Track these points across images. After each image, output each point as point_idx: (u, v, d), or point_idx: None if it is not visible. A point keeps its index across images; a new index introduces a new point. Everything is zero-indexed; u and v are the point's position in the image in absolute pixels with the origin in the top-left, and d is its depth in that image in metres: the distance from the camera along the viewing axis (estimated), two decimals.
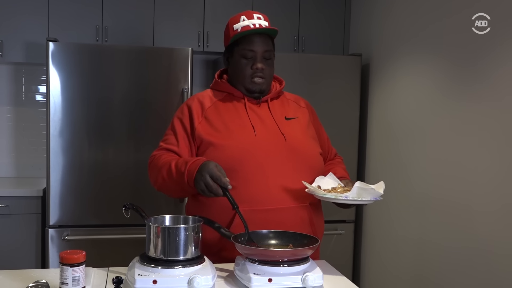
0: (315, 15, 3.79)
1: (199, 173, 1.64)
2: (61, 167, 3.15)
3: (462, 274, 2.56)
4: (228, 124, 1.84)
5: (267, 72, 1.88)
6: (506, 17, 2.31)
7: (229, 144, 1.79)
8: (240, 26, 1.85)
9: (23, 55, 3.45)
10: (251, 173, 1.76)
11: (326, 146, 2.06)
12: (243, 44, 1.86)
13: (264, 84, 1.88)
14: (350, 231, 3.58)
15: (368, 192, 1.68)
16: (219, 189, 1.62)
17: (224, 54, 1.96)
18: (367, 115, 3.58)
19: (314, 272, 1.51)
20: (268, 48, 1.87)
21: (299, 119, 1.93)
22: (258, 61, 1.85)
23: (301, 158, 1.83)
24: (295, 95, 2.05)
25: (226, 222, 1.75)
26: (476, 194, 2.47)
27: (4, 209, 3.21)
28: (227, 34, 1.91)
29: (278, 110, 1.92)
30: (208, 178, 1.62)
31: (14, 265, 1.76)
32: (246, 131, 1.83)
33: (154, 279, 1.43)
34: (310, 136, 1.93)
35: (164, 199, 3.26)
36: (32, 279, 1.51)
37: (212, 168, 1.63)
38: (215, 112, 1.87)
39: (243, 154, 1.77)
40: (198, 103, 1.90)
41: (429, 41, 2.88)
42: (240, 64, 1.87)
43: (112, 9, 3.51)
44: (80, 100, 3.16)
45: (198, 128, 1.84)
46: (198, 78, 3.90)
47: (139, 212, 1.64)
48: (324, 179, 1.82)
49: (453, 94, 2.67)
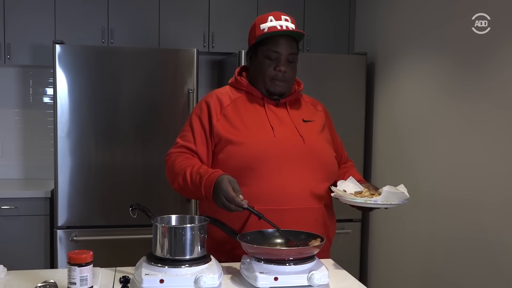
0: (319, 15, 3.79)
1: (215, 193, 1.64)
2: (68, 169, 3.17)
3: (470, 271, 2.55)
4: (247, 123, 1.83)
5: (289, 75, 1.87)
6: (506, 17, 2.30)
7: (248, 142, 1.78)
8: (267, 26, 1.84)
9: (30, 58, 3.48)
10: (268, 172, 1.76)
11: (340, 150, 2.06)
12: (268, 44, 1.84)
13: (285, 87, 1.87)
14: (357, 230, 3.57)
15: (397, 195, 1.69)
16: (238, 208, 1.61)
17: (247, 52, 1.94)
18: (373, 114, 3.57)
19: (320, 271, 1.52)
20: (293, 51, 1.86)
21: (315, 122, 1.93)
22: (281, 64, 1.84)
23: (318, 160, 1.83)
24: (313, 98, 2.04)
25: (240, 224, 1.76)
26: (484, 191, 2.47)
27: (13, 211, 3.24)
28: (253, 33, 1.89)
29: (296, 112, 1.91)
30: (224, 200, 1.61)
31: (23, 266, 1.78)
32: (265, 130, 1.82)
33: (161, 278, 1.44)
34: (326, 140, 1.92)
35: (171, 200, 3.27)
36: (40, 279, 1.53)
37: (226, 189, 1.61)
38: (234, 110, 1.86)
39: (261, 153, 1.77)
40: (217, 100, 1.88)
41: (434, 40, 2.88)
42: (263, 64, 1.85)
43: (117, 10, 3.53)
44: (87, 102, 3.18)
45: (217, 126, 1.83)
46: (203, 79, 3.91)
47: (146, 212, 1.65)
48: (345, 183, 1.82)
49: (458, 93, 2.67)
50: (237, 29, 3.66)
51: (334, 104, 3.40)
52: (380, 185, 1.84)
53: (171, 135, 2.90)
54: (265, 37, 1.84)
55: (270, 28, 1.83)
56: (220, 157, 1.81)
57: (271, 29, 1.83)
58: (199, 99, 3.30)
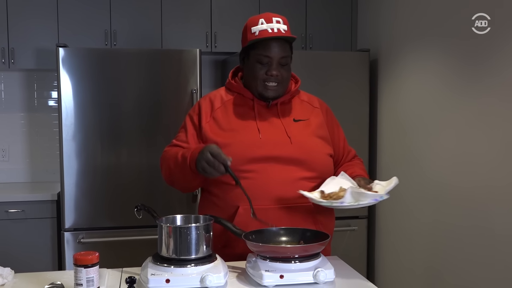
0: (321, 12, 3.79)
1: (200, 153, 1.67)
2: (74, 171, 3.18)
3: (478, 265, 2.55)
4: (234, 125, 1.85)
5: (282, 77, 1.85)
6: (507, 17, 2.30)
7: (233, 143, 1.81)
8: (258, 30, 1.82)
9: (34, 62, 3.49)
10: (254, 173, 1.78)
11: (341, 146, 2.02)
12: (259, 48, 1.82)
13: (278, 91, 1.87)
14: (363, 227, 3.57)
15: (365, 195, 1.64)
16: (220, 166, 1.63)
17: (240, 54, 1.94)
18: (377, 111, 3.57)
19: (325, 268, 1.52)
20: (285, 54, 1.84)
21: (309, 120, 1.92)
22: (273, 68, 1.82)
23: (306, 160, 1.83)
24: (310, 95, 2.03)
25: (229, 215, 1.79)
26: (490, 186, 2.46)
27: (20, 214, 3.26)
28: (244, 35, 1.88)
29: (287, 112, 1.91)
30: (208, 155, 1.64)
31: (31, 270, 1.78)
32: (251, 132, 1.84)
33: (167, 278, 1.45)
34: (320, 137, 1.91)
35: (177, 200, 3.28)
36: (47, 281, 1.54)
37: (212, 147, 1.66)
38: (223, 112, 1.89)
39: (245, 155, 1.79)
40: (209, 102, 1.92)
41: (437, 36, 2.87)
42: (255, 68, 1.85)
43: (120, 13, 3.54)
44: (91, 104, 3.19)
45: (205, 128, 1.87)
46: (207, 79, 3.92)
47: (151, 213, 1.66)
48: (335, 180, 1.81)
49: (462, 89, 2.66)
50: (239, 29, 3.60)
51: (337, 101, 3.40)
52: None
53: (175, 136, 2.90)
54: (256, 41, 1.82)
55: (261, 32, 1.81)
56: None
57: (261, 33, 1.81)
58: None
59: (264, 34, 1.81)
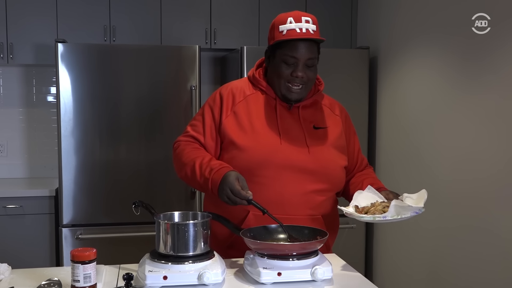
0: (321, 9, 3.77)
1: (221, 186, 1.63)
2: (73, 167, 3.18)
3: (478, 265, 2.55)
4: (255, 125, 1.80)
5: (307, 79, 1.78)
6: (507, 16, 2.29)
7: (252, 146, 1.77)
8: (286, 29, 1.75)
9: (33, 57, 3.48)
10: (268, 179, 1.75)
11: (356, 156, 1.99)
12: (286, 48, 1.75)
13: (301, 93, 1.80)
14: (361, 225, 3.57)
15: (407, 208, 1.63)
16: (242, 201, 1.62)
17: (266, 51, 1.86)
18: (376, 108, 3.56)
19: (323, 265, 1.52)
20: (312, 56, 1.77)
21: (329, 129, 1.87)
22: (299, 69, 1.76)
23: (322, 171, 1.80)
24: (332, 100, 1.97)
25: (240, 219, 1.77)
26: (491, 183, 2.45)
27: (18, 210, 3.25)
28: (272, 33, 1.80)
29: (308, 118, 1.85)
30: (229, 192, 1.62)
31: (29, 265, 1.78)
32: (272, 136, 1.79)
33: (165, 275, 1.45)
34: (337, 148, 1.87)
35: (175, 197, 3.28)
36: (44, 277, 1.53)
37: (232, 182, 1.62)
38: (245, 108, 1.82)
39: (264, 160, 1.75)
40: (230, 94, 1.85)
41: (436, 33, 2.86)
42: (280, 68, 1.78)
43: (119, 8, 3.53)
44: (90, 100, 3.18)
45: (225, 123, 1.81)
46: (206, 75, 3.91)
47: (149, 209, 1.65)
48: (363, 194, 1.76)
49: (461, 86, 2.65)
50: (239, 26, 3.66)
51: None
52: (386, 181, 1.83)
53: (174, 132, 2.90)
54: (283, 40, 1.76)
55: (288, 32, 1.74)
56: (224, 156, 1.81)
57: (289, 32, 1.74)
58: (202, 96, 3.31)
59: (292, 34, 1.74)
